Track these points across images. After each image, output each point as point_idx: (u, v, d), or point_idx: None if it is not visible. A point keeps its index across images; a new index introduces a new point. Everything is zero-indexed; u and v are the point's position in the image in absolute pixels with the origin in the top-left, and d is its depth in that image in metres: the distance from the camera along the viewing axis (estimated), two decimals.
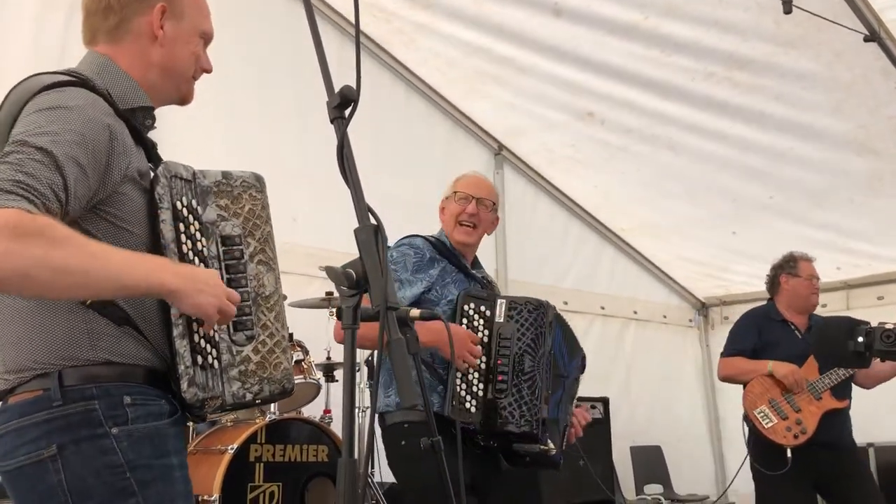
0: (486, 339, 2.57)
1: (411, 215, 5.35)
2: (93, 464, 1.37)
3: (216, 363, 1.50)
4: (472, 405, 2.50)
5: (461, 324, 2.58)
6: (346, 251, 1.47)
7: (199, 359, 1.46)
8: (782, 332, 3.89)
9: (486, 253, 3.20)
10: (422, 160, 5.72)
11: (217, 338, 1.51)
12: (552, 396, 2.56)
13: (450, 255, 2.79)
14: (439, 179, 5.83)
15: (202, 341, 1.48)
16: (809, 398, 3.71)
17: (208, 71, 1.69)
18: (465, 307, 2.62)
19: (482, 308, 2.61)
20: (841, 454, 3.72)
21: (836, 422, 3.73)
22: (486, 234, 2.92)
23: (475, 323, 2.60)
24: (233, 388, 1.52)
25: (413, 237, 2.81)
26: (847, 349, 2.10)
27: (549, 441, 2.52)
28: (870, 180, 4.97)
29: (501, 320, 2.59)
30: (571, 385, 2.68)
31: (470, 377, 2.52)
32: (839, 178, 5.04)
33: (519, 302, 2.62)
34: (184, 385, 1.43)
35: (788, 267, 4.02)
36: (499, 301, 2.62)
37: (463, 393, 2.50)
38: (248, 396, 1.54)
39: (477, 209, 2.81)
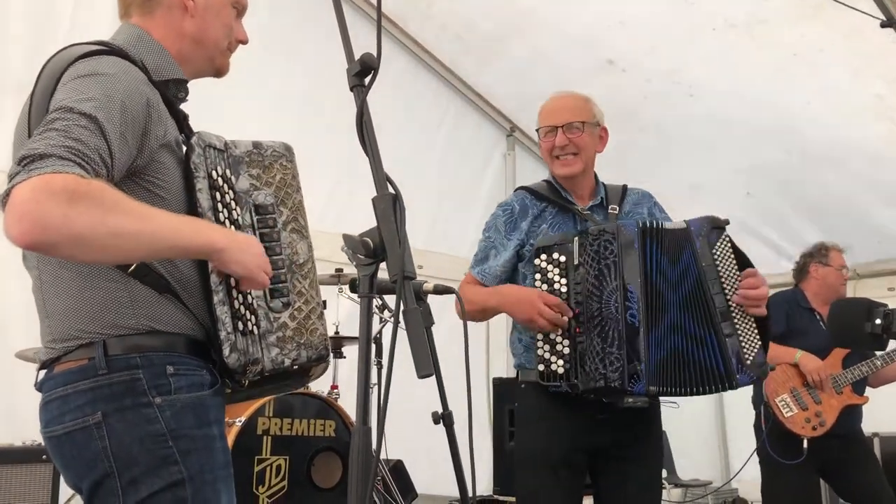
0: (564, 290, 2.25)
1: (427, 203, 5.41)
2: (137, 432, 1.38)
3: (255, 329, 1.52)
4: (558, 366, 2.22)
5: (535, 281, 2.29)
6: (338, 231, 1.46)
7: (240, 325, 1.48)
8: (809, 322, 3.85)
9: None
10: (432, 141, 5.70)
11: (255, 305, 1.53)
12: (652, 332, 2.16)
13: (552, 196, 2.48)
14: (453, 161, 5.87)
15: (242, 308, 1.49)
16: (831, 392, 3.69)
17: (244, 42, 1.68)
18: (537, 262, 2.30)
19: (555, 255, 2.28)
20: (849, 442, 3.72)
21: (852, 415, 3.74)
22: (598, 152, 2.54)
23: (550, 275, 2.28)
24: (271, 354, 1.53)
25: (516, 191, 2.57)
26: (863, 331, 2.09)
27: (647, 389, 2.14)
28: (887, 145, 4.93)
29: (577, 262, 2.24)
30: (694, 290, 2.20)
31: (552, 335, 2.24)
32: (855, 141, 4.98)
33: (585, 237, 2.25)
34: (226, 351, 1.44)
35: (819, 255, 3.97)
36: (575, 240, 2.25)
37: (547, 355, 2.24)
38: (287, 362, 1.56)
39: (567, 138, 2.45)
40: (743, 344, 2.18)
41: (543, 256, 2.28)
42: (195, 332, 1.48)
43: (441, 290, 1.95)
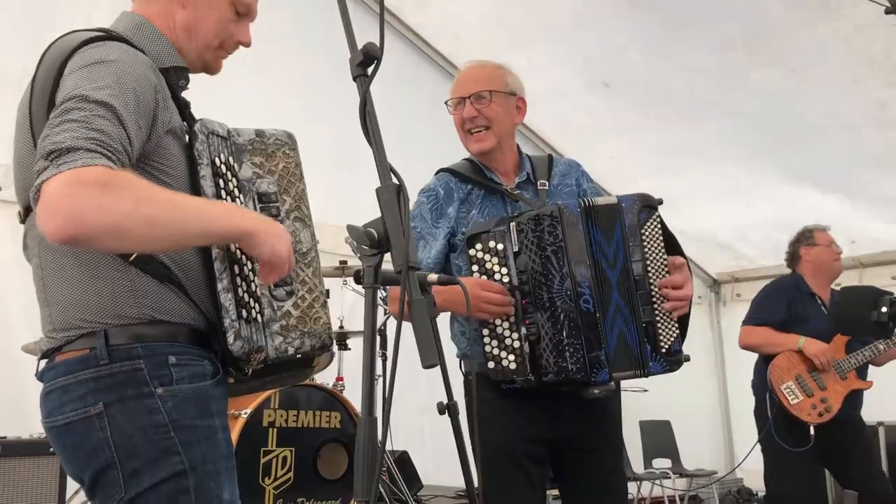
0: (506, 280, 2.10)
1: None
2: (138, 422, 1.38)
3: (259, 317, 1.51)
4: (509, 361, 2.09)
5: (472, 273, 2.14)
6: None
7: (244, 312, 1.47)
8: (811, 307, 3.87)
9: None
10: (431, 133, 5.69)
11: (259, 293, 1.52)
12: (605, 317, 2.07)
13: (476, 176, 2.33)
14: (454, 153, 5.85)
15: (246, 295, 1.49)
16: (835, 377, 3.70)
17: (244, 44, 1.65)
18: (472, 252, 2.13)
19: (491, 244, 2.11)
20: (850, 429, 3.75)
21: (853, 401, 3.75)
22: (516, 123, 2.38)
23: (489, 265, 2.12)
24: (275, 342, 1.53)
25: (437, 174, 2.41)
26: (869, 319, 2.08)
27: (611, 377, 2.06)
28: (884, 155, 4.94)
29: (517, 249, 2.10)
30: (623, 270, 2.10)
31: (499, 329, 2.09)
32: (856, 151, 5.00)
33: (524, 221, 2.10)
34: (230, 338, 1.44)
35: (806, 239, 4.01)
36: (511, 226, 2.10)
37: (496, 350, 2.11)
38: (290, 350, 1.55)
39: (476, 109, 2.29)
40: (660, 331, 2.10)
41: (479, 246, 2.13)
42: (197, 322, 1.47)
43: (445, 282, 1.94)
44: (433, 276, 1.91)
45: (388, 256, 1.32)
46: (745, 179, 5.63)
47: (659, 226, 2.14)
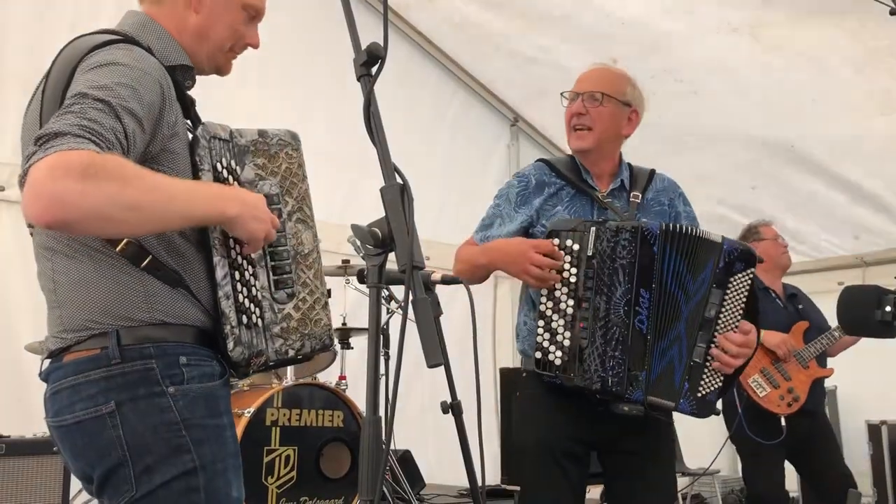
0: (573, 280, 2.15)
1: (432, 193, 5.41)
2: (150, 421, 1.39)
3: (259, 321, 1.53)
4: (556, 356, 2.14)
5: None
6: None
7: (244, 318, 1.49)
8: (766, 301, 3.89)
9: None
10: (436, 132, 5.69)
11: (260, 297, 1.54)
12: (658, 342, 2.10)
13: (571, 175, 2.34)
14: (457, 151, 5.86)
15: (246, 301, 1.50)
16: (798, 367, 3.75)
17: (254, 46, 1.67)
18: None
19: (568, 242, 2.16)
20: (815, 419, 3.78)
21: (817, 391, 3.79)
22: (624, 134, 2.37)
23: (561, 262, 2.17)
24: (276, 345, 1.55)
25: (535, 163, 2.44)
26: (873, 318, 2.08)
27: (645, 399, 2.09)
28: (888, 141, 4.93)
29: (590, 253, 2.14)
30: (698, 306, 2.12)
31: (554, 324, 2.14)
32: (860, 136, 4.99)
33: (603, 230, 2.14)
34: (230, 345, 1.46)
35: (751, 235, 4.07)
36: (591, 230, 2.14)
37: (546, 343, 2.14)
38: (291, 353, 1.57)
39: (584, 107, 2.31)
40: (704, 377, 2.14)
41: (557, 241, 2.16)
42: (206, 324, 1.49)
43: (449, 281, 1.94)
44: (437, 276, 1.93)
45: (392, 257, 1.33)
46: (747, 177, 5.60)
47: (749, 283, 2.16)
